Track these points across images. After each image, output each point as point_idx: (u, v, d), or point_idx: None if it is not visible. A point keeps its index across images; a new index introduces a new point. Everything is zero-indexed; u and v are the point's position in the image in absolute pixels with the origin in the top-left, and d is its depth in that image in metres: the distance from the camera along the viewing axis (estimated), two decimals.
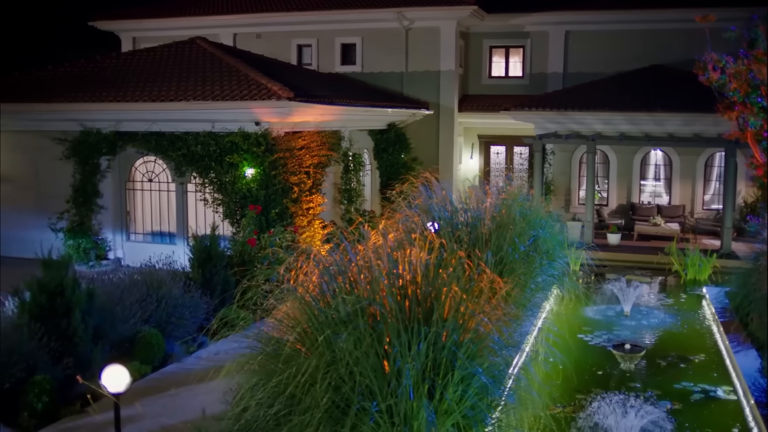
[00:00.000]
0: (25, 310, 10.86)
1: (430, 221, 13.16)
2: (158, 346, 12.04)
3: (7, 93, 19.80)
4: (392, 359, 7.55)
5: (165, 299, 12.74)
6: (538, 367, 9.39)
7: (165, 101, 17.52)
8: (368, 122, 23.67)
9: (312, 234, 18.43)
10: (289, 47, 28.57)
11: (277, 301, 9.23)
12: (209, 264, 14.20)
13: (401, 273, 8.71)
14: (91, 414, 10.13)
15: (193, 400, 10.41)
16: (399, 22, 26.93)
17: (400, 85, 27.37)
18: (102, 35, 31.77)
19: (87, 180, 19.02)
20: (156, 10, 30.08)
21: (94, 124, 18.87)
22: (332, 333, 7.73)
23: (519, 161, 29.20)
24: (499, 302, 9.07)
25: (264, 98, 16.69)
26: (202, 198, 18.41)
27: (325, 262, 9.17)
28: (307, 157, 18.59)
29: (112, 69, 20.64)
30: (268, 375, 7.95)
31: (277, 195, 17.46)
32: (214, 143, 17.69)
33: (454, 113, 27.43)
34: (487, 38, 28.86)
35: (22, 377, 10.05)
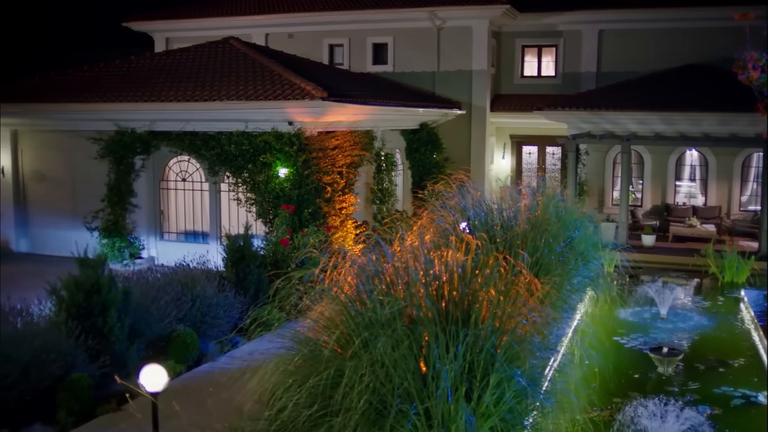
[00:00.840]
0: (63, 308, 10.94)
1: (463, 221, 13.07)
2: (193, 346, 12.06)
3: (44, 93, 20.02)
4: (430, 361, 7.48)
5: (199, 298, 12.78)
6: (574, 370, 9.27)
7: (199, 101, 17.58)
8: (400, 122, 23.61)
9: (345, 234, 18.40)
10: (321, 47, 28.59)
11: (312, 301, 9.20)
12: (243, 263, 14.22)
13: (438, 274, 8.65)
14: (127, 412, 10.19)
15: (228, 399, 10.40)
16: (431, 21, 26.84)
17: (431, 85, 27.28)
18: (135, 36, 32.06)
19: (121, 179, 19.18)
20: (189, 11, 30.28)
21: (129, 124, 19.01)
22: (370, 335, 7.67)
23: (551, 161, 28.95)
24: (536, 304, 8.98)
25: (297, 98, 16.69)
26: (235, 197, 18.46)
27: (360, 262, 9.12)
28: (340, 157, 18.57)
29: (147, 69, 20.77)
30: (305, 376, 7.91)
31: (310, 195, 17.46)
32: (248, 143, 17.73)
33: (486, 113, 27.28)
34: (520, 37, 28.65)
35: (59, 375, 10.12)
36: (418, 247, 9.38)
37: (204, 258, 15.29)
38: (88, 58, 26.96)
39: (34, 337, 10.13)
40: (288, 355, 8.53)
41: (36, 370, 9.89)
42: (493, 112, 27.77)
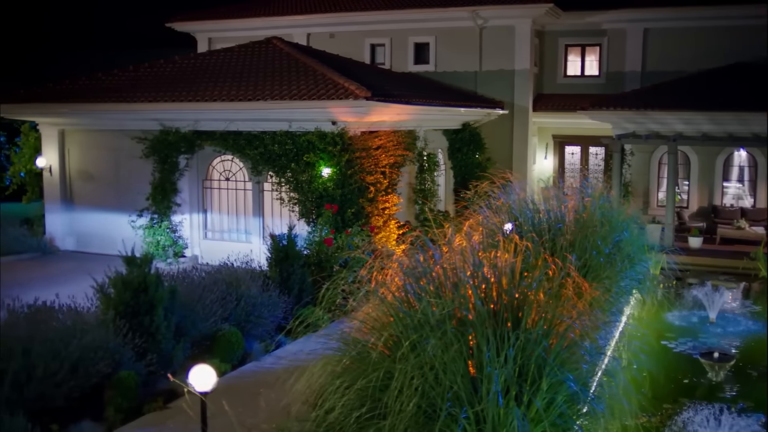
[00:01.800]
0: (110, 306, 11.02)
1: (508, 222, 12.91)
2: (237, 345, 12.08)
3: (90, 93, 20.26)
4: (483, 364, 7.37)
5: (244, 298, 12.80)
6: (623, 375, 9.08)
7: (243, 101, 17.64)
8: (443, 122, 23.48)
9: (387, 234, 18.34)
10: (363, 47, 28.55)
11: (358, 302, 9.13)
12: (286, 263, 14.21)
13: (487, 276, 8.53)
14: (173, 410, 10.22)
15: (274, 399, 10.35)
16: (473, 20, 26.65)
17: (473, 85, 27.09)
18: (178, 36, 32.36)
19: (166, 178, 19.34)
20: (231, 11, 30.49)
21: (174, 123, 19.16)
22: (419, 337, 7.58)
23: (594, 162, 28.58)
24: (587, 307, 8.82)
25: (341, 98, 16.67)
26: (278, 197, 18.49)
27: (408, 263, 9.03)
28: (383, 157, 18.51)
29: (191, 69, 20.92)
30: (353, 378, 7.85)
31: (353, 194, 17.43)
32: (291, 142, 17.76)
33: (529, 113, 27.02)
34: (563, 36, 28.32)
35: (107, 373, 10.19)
36: (466, 248, 9.28)
37: (247, 257, 15.34)
38: (133, 58, 27.25)
39: (83, 335, 10.20)
40: (335, 356, 8.48)
41: (84, 368, 9.96)
42: (536, 112, 27.50)
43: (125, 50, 52.22)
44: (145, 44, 51.90)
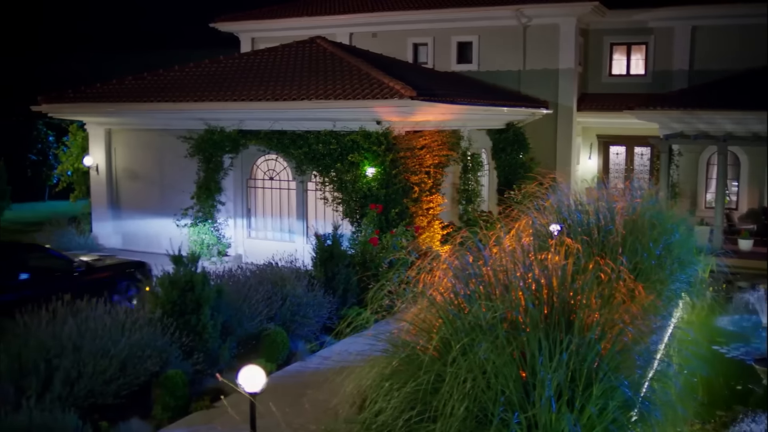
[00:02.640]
0: (158, 305, 11.07)
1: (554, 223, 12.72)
2: (283, 345, 12.06)
3: (136, 93, 20.46)
4: (535, 369, 7.24)
5: (289, 297, 12.78)
6: (675, 380, 8.87)
7: (287, 100, 17.66)
8: (487, 122, 23.29)
9: (431, 234, 18.22)
10: (405, 46, 28.49)
11: (404, 302, 9.04)
12: (331, 263, 14.18)
13: (537, 278, 8.39)
14: (220, 409, 10.24)
15: (320, 400, 10.34)
16: (517, 19, 26.42)
17: (517, 84, 26.85)
18: (222, 36, 32.62)
19: (210, 177, 19.44)
20: (274, 11, 30.66)
21: (218, 123, 19.26)
22: (470, 340, 7.47)
23: (640, 162, 28.16)
24: (639, 311, 8.64)
25: (386, 97, 16.59)
26: (322, 196, 18.48)
27: (457, 264, 8.92)
28: (428, 157, 18.40)
29: (236, 69, 21.02)
30: (403, 380, 7.76)
31: (398, 194, 17.35)
32: (335, 142, 17.73)
33: (573, 112, 26.71)
34: (608, 35, 27.95)
35: (155, 371, 10.23)
36: (516, 250, 9.15)
37: (292, 257, 15.35)
38: (177, 59, 27.52)
39: (131, 333, 10.26)
40: (384, 358, 8.40)
41: (132, 366, 10.01)
42: (580, 112, 27.18)
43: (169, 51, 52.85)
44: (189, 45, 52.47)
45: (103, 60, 59.40)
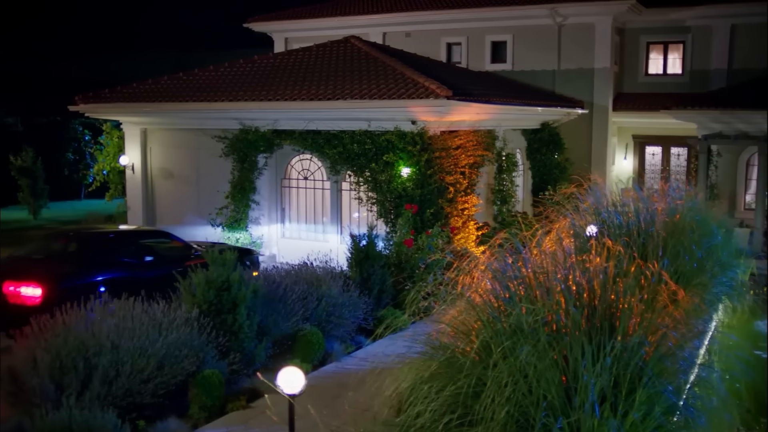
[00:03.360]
0: (194, 304, 11.09)
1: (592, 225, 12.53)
2: (318, 345, 12.03)
3: (172, 92, 20.58)
4: (578, 373, 7.12)
5: (325, 298, 12.74)
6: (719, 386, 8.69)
7: (323, 100, 17.64)
8: (522, 121, 23.12)
9: (466, 235, 18.11)
10: (439, 46, 28.39)
11: (441, 304, 8.94)
12: (367, 263, 14.13)
13: (579, 281, 8.26)
14: (256, 409, 10.23)
15: (356, 401, 10.28)
16: (552, 18, 26.20)
17: (551, 84, 26.64)
18: (255, 36, 32.78)
19: (245, 177, 19.50)
20: (307, 11, 30.74)
21: (253, 123, 19.30)
22: (512, 344, 7.36)
23: (676, 162, 27.77)
24: (682, 315, 8.47)
25: (422, 97, 16.51)
26: (357, 196, 18.45)
27: (497, 266, 8.80)
28: (463, 157, 18.28)
29: (270, 68, 21.06)
30: (443, 383, 7.67)
31: (433, 195, 17.25)
32: (370, 142, 17.68)
33: (609, 112, 26.43)
34: (645, 34, 27.61)
35: (191, 371, 10.24)
36: (557, 252, 9.01)
37: (326, 257, 15.34)
38: (211, 59, 27.71)
39: (168, 333, 10.28)
40: (422, 360, 8.31)
41: (170, 365, 10.03)
42: (616, 112, 26.88)
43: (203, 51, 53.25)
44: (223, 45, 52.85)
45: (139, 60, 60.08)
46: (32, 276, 12.59)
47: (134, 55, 63.56)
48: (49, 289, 12.35)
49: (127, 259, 13.90)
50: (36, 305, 11.96)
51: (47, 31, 67.72)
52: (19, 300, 12.39)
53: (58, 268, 13.24)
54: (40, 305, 11.83)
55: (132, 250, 14.20)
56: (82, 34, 69.04)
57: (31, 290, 12.37)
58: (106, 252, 14.04)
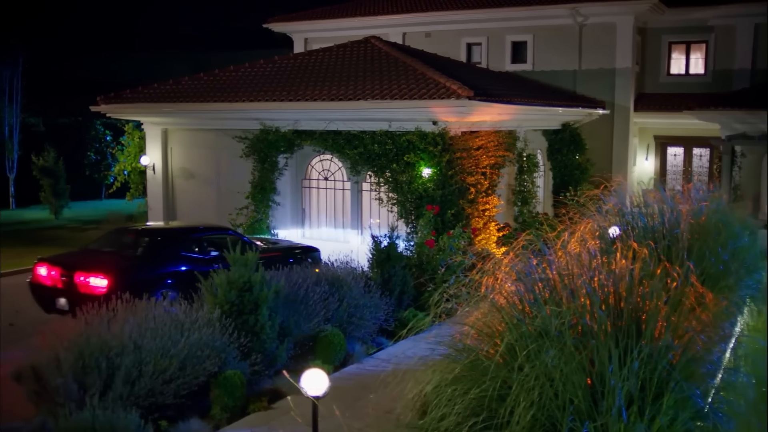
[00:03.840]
0: (216, 305, 11.08)
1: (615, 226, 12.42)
2: (340, 346, 11.98)
3: (192, 93, 20.62)
4: (605, 377, 7.04)
5: (346, 298, 12.70)
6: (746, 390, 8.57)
7: (343, 100, 17.61)
8: (543, 122, 22.99)
9: (487, 236, 18.01)
10: (459, 46, 28.30)
11: (466, 306, 8.87)
12: (388, 264, 14.07)
13: (604, 283, 8.16)
14: (278, 410, 10.21)
15: (378, 403, 10.23)
16: (573, 18, 26.04)
17: (572, 84, 26.47)
18: (275, 37, 32.84)
19: (265, 177, 19.51)
20: (327, 12, 30.75)
21: (274, 123, 19.30)
22: (538, 347, 7.28)
23: (698, 163, 27.53)
24: (710, 318, 8.36)
25: (443, 97, 16.44)
26: (377, 197, 18.40)
27: (521, 267, 8.71)
28: (484, 158, 18.19)
29: (291, 69, 21.06)
30: (467, 386, 7.61)
31: (454, 195, 17.17)
32: (391, 142, 17.62)
33: (630, 113, 26.23)
34: (666, 33, 27.38)
35: (214, 371, 10.22)
36: (581, 253, 8.92)
37: (347, 257, 15.30)
38: (231, 59, 27.79)
39: (190, 333, 10.27)
40: (446, 363, 8.25)
41: (192, 366, 10.01)
42: (637, 112, 26.69)
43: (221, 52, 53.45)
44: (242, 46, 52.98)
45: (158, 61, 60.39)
46: (99, 268, 13.60)
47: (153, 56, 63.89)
48: (114, 281, 13.32)
49: (191, 253, 14.59)
50: (102, 294, 12.73)
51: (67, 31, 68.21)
52: (87, 289, 13.39)
53: (124, 261, 14.30)
54: (106, 295, 12.56)
55: (196, 245, 14.90)
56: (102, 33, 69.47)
57: (98, 281, 13.39)
58: (171, 246, 14.85)
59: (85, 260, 14.36)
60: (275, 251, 16.30)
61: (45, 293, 14.28)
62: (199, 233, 15.49)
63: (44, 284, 14.27)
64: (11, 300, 16.64)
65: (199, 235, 15.38)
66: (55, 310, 14.02)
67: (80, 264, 14.04)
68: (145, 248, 14.84)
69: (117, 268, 13.82)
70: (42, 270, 14.36)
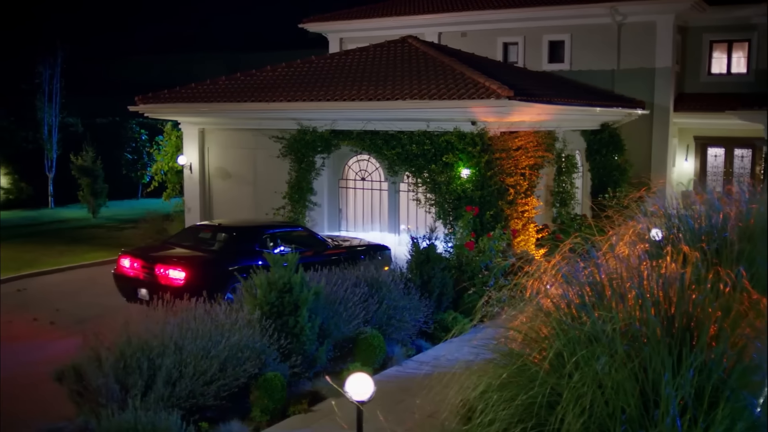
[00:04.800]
0: (256, 306, 11.02)
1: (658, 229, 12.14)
2: (379, 349, 11.86)
3: (230, 93, 20.64)
4: (653, 385, 6.84)
5: (386, 300, 12.58)
6: None
7: (381, 100, 17.49)
8: (582, 122, 22.69)
9: (526, 238, 17.79)
10: (495, 45, 28.04)
11: (509, 309, 8.70)
12: (427, 266, 13.91)
13: (654, 288, 7.95)
14: (318, 413, 10.12)
15: (419, 407, 10.07)
16: (611, 17, 25.68)
17: (610, 84, 26.11)
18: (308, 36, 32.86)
19: (302, 177, 19.44)
20: (362, 12, 30.65)
21: (311, 123, 19.24)
22: (588, 353, 7.10)
23: (740, 164, 27.01)
24: (764, 324, 8.10)
25: (483, 97, 16.24)
26: (415, 198, 18.26)
27: (568, 271, 8.52)
28: (524, 158, 17.96)
29: (327, 69, 21.00)
30: (514, 391, 7.44)
31: (492, 196, 16.97)
32: (429, 142, 17.47)
33: (670, 113, 25.79)
34: (708, 32, 26.88)
35: (254, 373, 10.16)
36: (630, 257, 8.71)
37: None
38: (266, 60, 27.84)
39: (231, 334, 10.22)
40: (492, 367, 8.09)
41: (232, 367, 9.96)
42: (677, 112, 26.23)
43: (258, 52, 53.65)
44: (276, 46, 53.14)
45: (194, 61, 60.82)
46: (179, 261, 14.36)
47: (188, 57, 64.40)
48: (191, 274, 14.07)
49: (265, 249, 14.78)
50: (180, 286, 13.74)
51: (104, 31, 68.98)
52: (166, 281, 14.14)
53: (201, 256, 15.03)
54: (183, 286, 13.68)
55: (270, 241, 15.36)
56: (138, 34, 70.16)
57: (177, 273, 14.11)
58: (246, 242, 15.42)
59: (165, 253, 15.16)
60: (344, 249, 16.60)
61: (127, 284, 15.07)
62: (273, 229, 15.99)
63: (126, 275, 15.04)
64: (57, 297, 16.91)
65: (273, 231, 15.85)
66: (137, 299, 14.74)
67: (160, 257, 14.83)
68: (222, 243, 15.50)
69: (195, 262, 14.54)
70: (125, 261, 15.11)
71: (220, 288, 13.73)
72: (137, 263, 14.84)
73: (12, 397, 11.14)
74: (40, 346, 13.56)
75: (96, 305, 16.21)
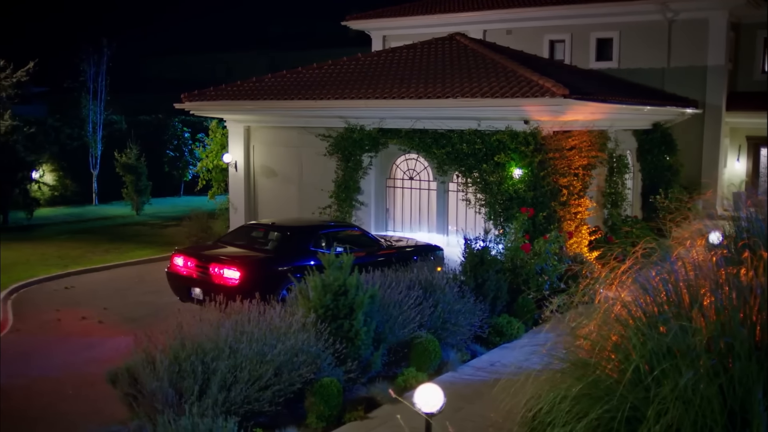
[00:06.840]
0: (311, 309, 10.77)
1: (715, 232, 11.67)
2: (435, 353, 11.54)
3: (276, 90, 20.46)
4: (742, 402, 6.47)
5: (440, 304, 12.26)
6: None
7: (431, 98, 17.16)
8: (634, 122, 22.15)
9: (579, 240, 17.35)
10: (541, 43, 27.57)
11: (573, 315, 8.34)
12: (482, 268, 13.56)
13: (732, 297, 7.54)
14: (375, 420, 9.86)
15: (478, 414, 9.76)
16: (662, 14, 25.10)
17: (660, 82, 25.51)
18: (350, 34, 32.68)
19: (349, 176, 19.20)
20: (406, 9, 30.38)
21: (358, 121, 18.97)
22: (671, 367, 6.73)
23: None
24: None
25: (536, 95, 15.84)
26: (464, 198, 17.90)
27: (643, 278, 8.12)
28: (577, 158, 17.53)
29: (374, 66, 20.72)
30: (587, 405, 7.09)
31: (545, 197, 16.56)
32: (480, 142, 17.10)
33: (722, 112, 25.15)
34: (762, 29, 26.18)
35: (309, 378, 9.91)
36: (704, 263, 8.29)
37: None
38: (308, 58, 27.67)
39: (286, 338, 9.98)
40: (558, 376, 7.74)
41: (287, 372, 9.71)
42: (729, 112, 25.57)
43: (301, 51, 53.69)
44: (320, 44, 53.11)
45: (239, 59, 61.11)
46: (233, 261, 14.19)
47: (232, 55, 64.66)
48: (246, 274, 13.92)
49: (320, 249, 14.65)
50: (234, 286, 13.65)
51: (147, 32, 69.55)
52: (221, 280, 14.01)
53: (255, 255, 14.81)
54: (238, 286, 13.60)
55: (324, 241, 15.19)
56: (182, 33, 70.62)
57: (231, 272, 13.97)
58: (300, 242, 15.18)
59: (220, 252, 15.00)
60: (397, 249, 16.36)
61: (181, 283, 14.92)
62: (327, 229, 15.88)
63: (180, 274, 14.92)
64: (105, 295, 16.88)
65: (326, 231, 15.72)
66: (190, 299, 14.60)
67: (215, 256, 14.64)
68: (276, 243, 15.26)
69: (249, 262, 14.35)
70: (178, 260, 14.99)
71: (274, 288, 13.45)
72: (191, 262, 14.70)
73: (64, 398, 11.04)
74: (90, 345, 13.47)
75: (144, 304, 16.13)
